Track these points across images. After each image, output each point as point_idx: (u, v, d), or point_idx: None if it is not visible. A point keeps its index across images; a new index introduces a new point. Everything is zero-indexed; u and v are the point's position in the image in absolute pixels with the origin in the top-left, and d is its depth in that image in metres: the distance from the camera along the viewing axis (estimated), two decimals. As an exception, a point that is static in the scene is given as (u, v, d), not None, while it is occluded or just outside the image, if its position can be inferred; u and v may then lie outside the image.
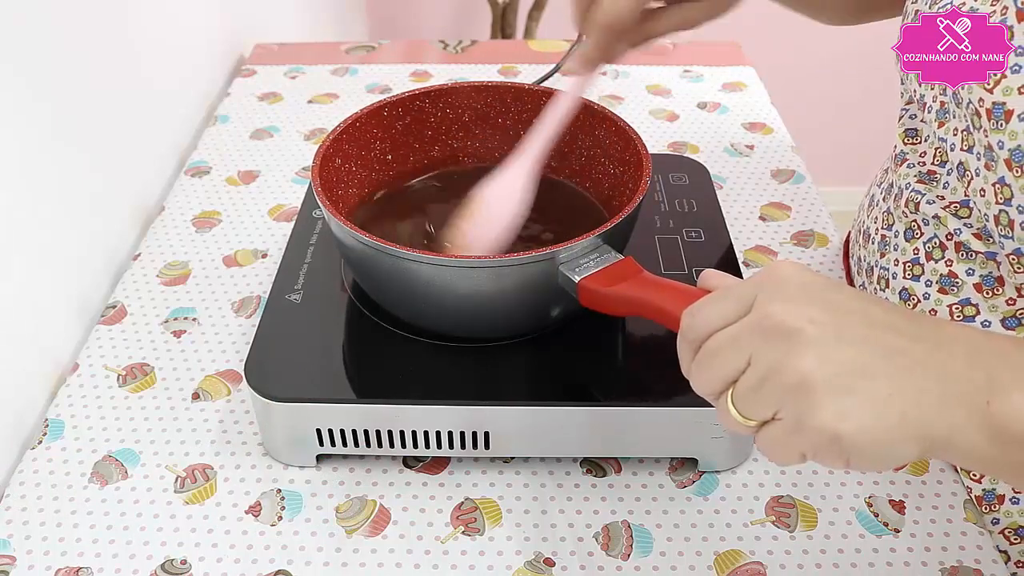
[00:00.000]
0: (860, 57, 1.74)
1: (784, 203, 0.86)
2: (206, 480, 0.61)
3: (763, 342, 0.39)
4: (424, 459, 0.62)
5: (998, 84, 0.51)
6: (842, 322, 0.39)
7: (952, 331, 0.41)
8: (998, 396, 0.38)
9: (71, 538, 0.57)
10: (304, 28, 1.54)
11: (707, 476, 0.61)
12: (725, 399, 0.41)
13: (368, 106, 0.69)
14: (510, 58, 1.11)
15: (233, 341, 0.71)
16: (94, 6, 0.77)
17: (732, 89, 1.05)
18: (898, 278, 0.64)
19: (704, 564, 0.56)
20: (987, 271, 0.58)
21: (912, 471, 0.61)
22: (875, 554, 0.56)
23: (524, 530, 0.58)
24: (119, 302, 0.75)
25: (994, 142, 0.52)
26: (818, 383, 0.37)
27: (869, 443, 0.37)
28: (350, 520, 0.58)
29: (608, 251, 0.56)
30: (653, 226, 0.70)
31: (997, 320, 0.58)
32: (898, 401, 0.37)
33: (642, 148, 0.64)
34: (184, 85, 0.98)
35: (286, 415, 0.58)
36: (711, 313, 0.42)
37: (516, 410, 0.58)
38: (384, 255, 0.56)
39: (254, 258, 0.79)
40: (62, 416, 0.65)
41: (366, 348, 0.62)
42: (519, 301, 0.58)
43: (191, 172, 0.91)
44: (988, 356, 0.39)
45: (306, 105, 1.02)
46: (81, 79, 0.75)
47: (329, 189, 0.63)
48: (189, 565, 0.56)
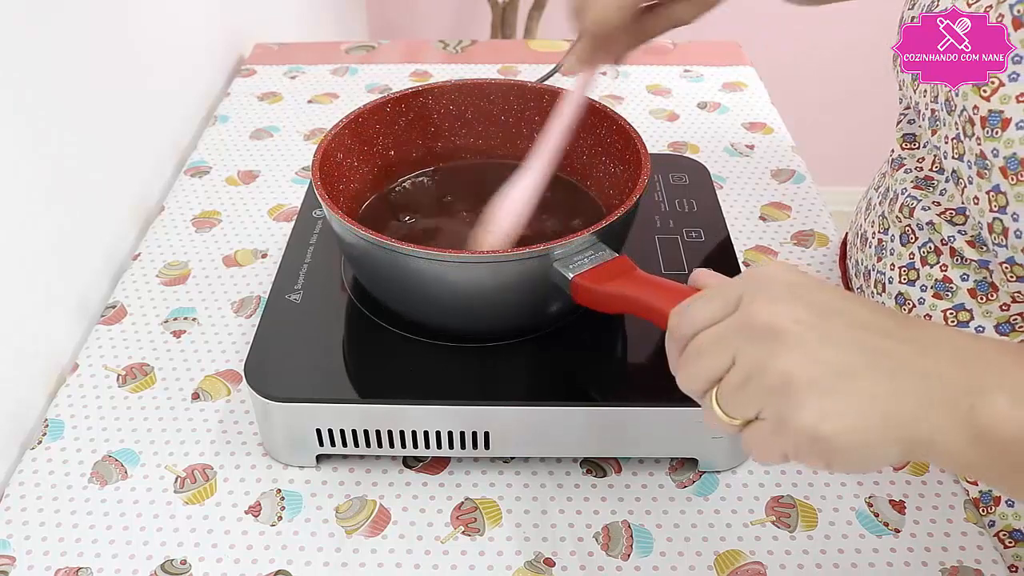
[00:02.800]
0: (860, 57, 1.74)
1: (784, 203, 0.86)
2: (206, 480, 0.61)
3: (747, 342, 0.39)
4: (424, 459, 0.62)
5: (995, 92, 0.51)
6: (827, 323, 0.39)
7: (938, 334, 0.41)
8: (981, 399, 0.37)
9: (71, 538, 0.57)
10: (304, 28, 1.54)
11: (707, 476, 0.61)
12: (710, 398, 0.41)
13: (371, 102, 0.69)
14: (510, 58, 1.11)
15: (233, 341, 0.71)
16: (94, 6, 0.77)
17: (732, 89, 1.05)
18: (894, 282, 0.64)
19: (704, 564, 0.56)
20: (981, 277, 0.58)
21: (912, 471, 0.61)
22: (875, 554, 0.56)
23: (524, 530, 0.58)
24: (119, 302, 0.75)
25: (988, 150, 0.52)
26: (801, 383, 0.37)
27: (851, 444, 0.37)
28: (350, 520, 0.58)
29: (603, 249, 0.56)
30: (653, 226, 0.70)
31: (991, 325, 0.58)
32: (881, 402, 0.37)
33: (642, 147, 0.64)
34: (184, 85, 0.98)
35: (286, 415, 0.58)
36: (698, 312, 0.42)
37: (516, 410, 0.58)
38: (381, 250, 0.56)
39: (254, 258, 0.79)
40: (62, 416, 0.65)
41: (366, 348, 0.62)
42: (516, 297, 0.58)
43: (191, 172, 0.91)
44: (973, 359, 0.39)
45: (306, 105, 1.02)
46: (81, 79, 0.75)
47: (329, 184, 0.63)
48: (189, 565, 0.56)
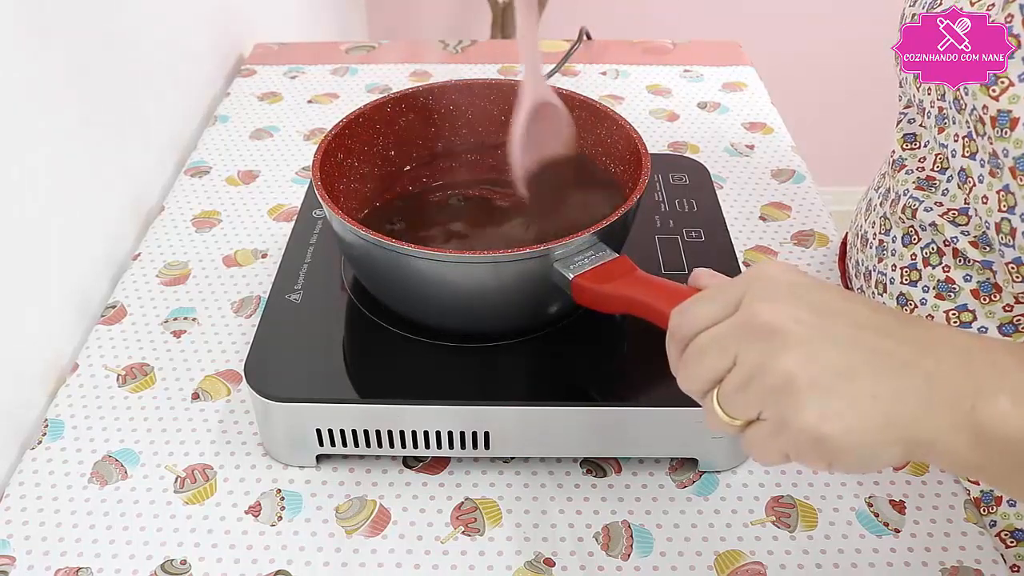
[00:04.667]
0: (861, 57, 1.74)
1: (784, 203, 0.86)
2: (206, 480, 0.61)
3: (748, 342, 0.39)
4: (424, 459, 0.62)
5: (1004, 92, 0.50)
6: (828, 323, 0.39)
7: (940, 334, 0.40)
8: (983, 400, 0.37)
9: (71, 538, 0.57)
10: (304, 28, 1.53)
11: (707, 476, 0.61)
12: (711, 398, 0.41)
13: (371, 102, 0.69)
14: (510, 58, 1.11)
15: (233, 341, 0.71)
16: (94, 6, 0.77)
17: (732, 89, 1.05)
18: (895, 283, 0.64)
19: (704, 564, 0.56)
20: (984, 277, 0.58)
21: (912, 471, 0.61)
22: (875, 554, 0.56)
23: (524, 530, 0.58)
24: (119, 302, 0.75)
25: (999, 149, 0.52)
26: (802, 384, 0.37)
27: (852, 444, 0.37)
28: (350, 520, 0.58)
29: (603, 249, 0.56)
30: (653, 226, 0.70)
31: (994, 326, 0.58)
32: (882, 403, 0.37)
33: (642, 147, 0.64)
34: (184, 85, 0.98)
35: (286, 415, 0.58)
36: (698, 312, 0.42)
37: (516, 410, 0.58)
38: (381, 250, 0.56)
39: (254, 258, 0.79)
40: (62, 416, 0.65)
41: (366, 348, 0.62)
42: (516, 297, 0.58)
43: (191, 172, 0.91)
44: (975, 360, 0.39)
45: (306, 105, 1.02)
46: (80, 78, 0.75)
47: (329, 184, 0.63)
48: (189, 565, 0.56)
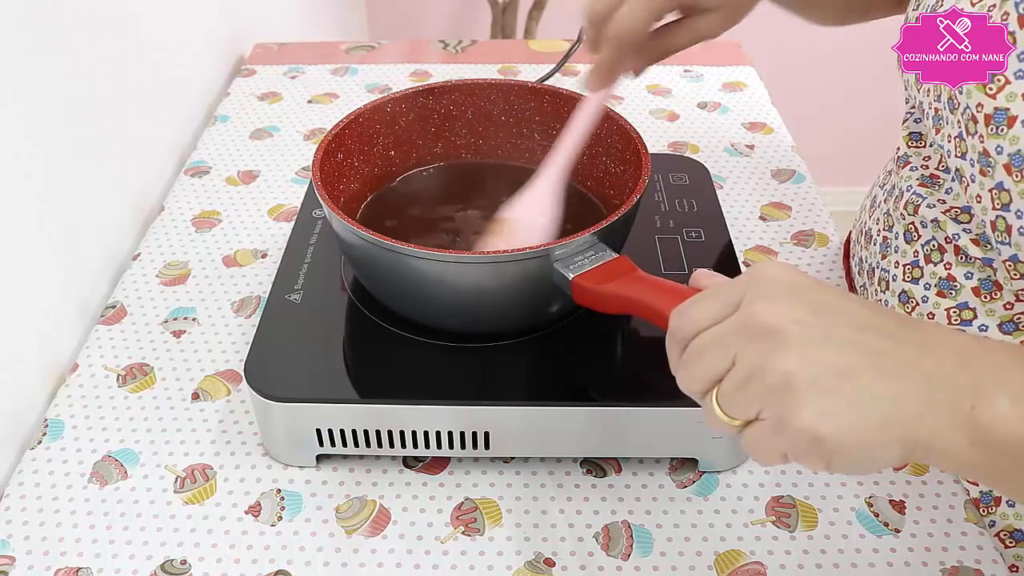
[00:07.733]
0: (861, 57, 1.74)
1: (784, 203, 0.86)
2: (206, 480, 0.61)
3: (747, 342, 0.39)
4: (424, 459, 0.62)
5: (1001, 90, 0.50)
6: (827, 323, 0.39)
7: (939, 334, 0.40)
8: (983, 401, 0.37)
9: (71, 538, 0.57)
10: (304, 28, 1.54)
11: (707, 476, 0.61)
12: (710, 398, 0.41)
13: (371, 102, 0.69)
14: (510, 58, 1.11)
15: (233, 341, 0.71)
16: (94, 6, 0.77)
17: (732, 89, 1.05)
18: (898, 280, 0.64)
19: (704, 564, 0.56)
20: (985, 275, 0.58)
21: (912, 471, 0.61)
22: (875, 554, 0.56)
23: (524, 530, 0.58)
24: (119, 302, 0.75)
25: (991, 147, 0.52)
26: (801, 383, 0.37)
27: (851, 444, 0.37)
28: (350, 520, 0.58)
29: (603, 249, 0.56)
30: (653, 226, 0.70)
31: (994, 324, 0.58)
32: (881, 403, 0.37)
33: (642, 147, 0.64)
34: (184, 85, 0.98)
35: (286, 415, 0.58)
36: (698, 312, 0.42)
37: (516, 410, 0.58)
38: (381, 250, 0.56)
39: (254, 258, 0.79)
40: (62, 416, 0.65)
41: (366, 348, 0.62)
42: (516, 297, 0.58)
43: (191, 172, 0.91)
44: (975, 361, 0.39)
45: (306, 105, 1.02)
46: (81, 79, 0.75)
47: (329, 184, 0.63)
48: (189, 565, 0.56)
